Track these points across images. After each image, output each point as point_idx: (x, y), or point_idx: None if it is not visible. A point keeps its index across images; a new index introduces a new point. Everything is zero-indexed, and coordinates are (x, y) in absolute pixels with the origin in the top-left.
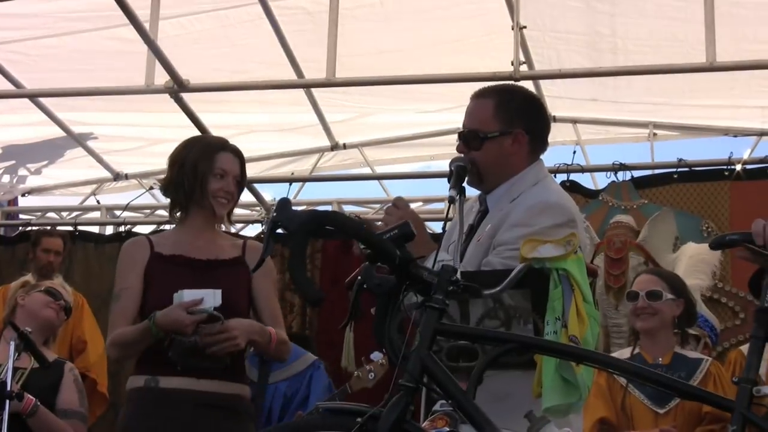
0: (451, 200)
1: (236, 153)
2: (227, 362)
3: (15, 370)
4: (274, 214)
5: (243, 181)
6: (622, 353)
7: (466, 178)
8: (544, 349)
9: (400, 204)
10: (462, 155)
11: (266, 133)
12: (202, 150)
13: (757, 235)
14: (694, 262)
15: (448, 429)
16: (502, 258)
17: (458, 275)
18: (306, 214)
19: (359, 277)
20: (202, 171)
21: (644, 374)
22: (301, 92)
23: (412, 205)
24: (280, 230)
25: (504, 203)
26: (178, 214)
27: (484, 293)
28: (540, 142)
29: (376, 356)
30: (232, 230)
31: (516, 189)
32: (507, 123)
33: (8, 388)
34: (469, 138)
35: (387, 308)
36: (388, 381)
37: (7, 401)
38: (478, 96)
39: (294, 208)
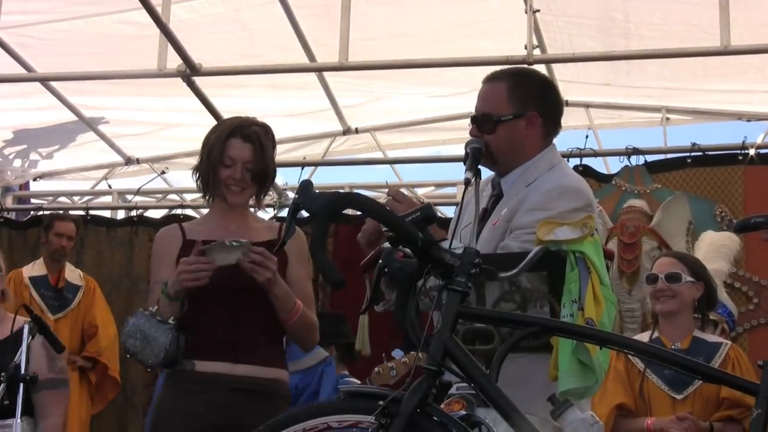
0: (467, 182)
1: (248, 138)
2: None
3: None
4: (296, 196)
5: (259, 165)
6: (641, 337)
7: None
8: (567, 332)
9: (399, 197)
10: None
11: (278, 118)
12: (217, 137)
13: None
14: (714, 248)
15: (464, 412)
16: (520, 242)
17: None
18: (328, 196)
19: (380, 261)
20: (213, 159)
21: (665, 356)
22: (313, 76)
23: (424, 190)
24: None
25: (519, 187)
26: (208, 198)
27: (501, 276)
28: (553, 125)
29: (398, 353)
30: None
31: (531, 173)
32: (521, 106)
33: (22, 372)
34: (482, 121)
35: (408, 292)
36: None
37: (21, 384)
38: (490, 79)
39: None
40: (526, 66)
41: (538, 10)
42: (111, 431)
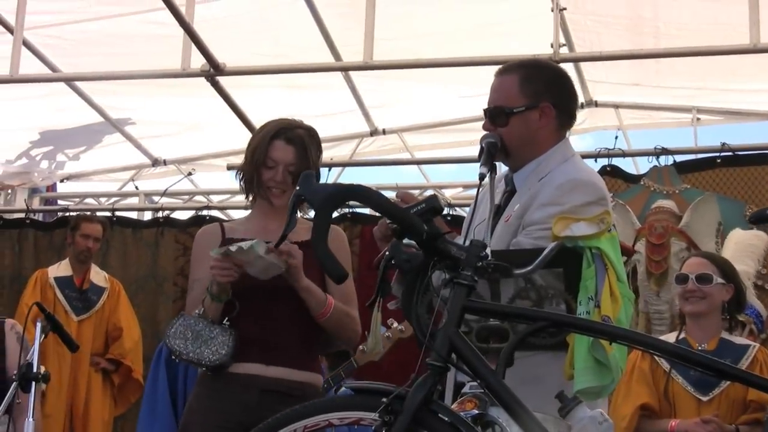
0: (482, 177)
1: (291, 140)
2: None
3: None
4: (298, 187)
5: (302, 168)
6: (667, 338)
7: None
8: (575, 326)
9: (407, 198)
10: (491, 132)
11: (304, 119)
12: (261, 138)
13: None
14: (742, 248)
15: (477, 411)
16: (533, 238)
17: (488, 251)
18: (330, 187)
19: (386, 253)
20: (256, 160)
21: (682, 354)
22: (339, 76)
23: (451, 192)
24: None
25: (532, 182)
26: (250, 198)
27: (515, 273)
28: (567, 117)
29: (382, 329)
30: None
31: (544, 167)
32: (533, 97)
33: (34, 370)
34: (495, 114)
35: (415, 285)
36: (398, 356)
37: (33, 383)
38: (502, 72)
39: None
40: (538, 58)
41: (565, 8)
42: None
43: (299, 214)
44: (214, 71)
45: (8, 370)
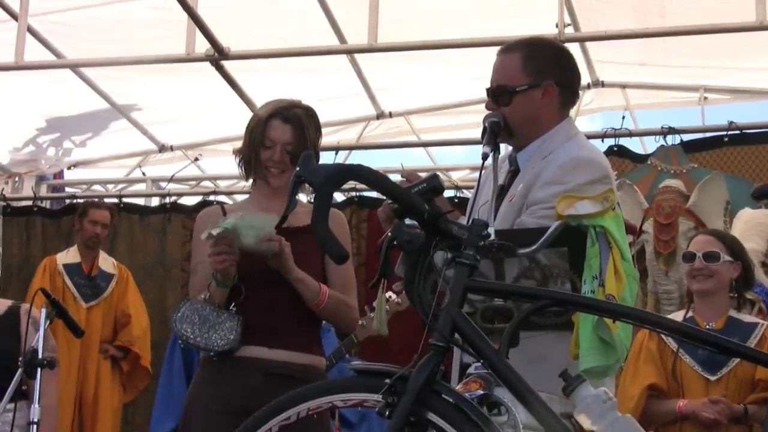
0: (485, 157)
1: (288, 119)
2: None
3: None
4: (298, 168)
5: (300, 147)
6: (675, 317)
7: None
8: (579, 305)
9: (412, 178)
10: (494, 112)
11: (311, 102)
12: (258, 119)
13: None
14: (751, 226)
15: (482, 392)
16: (536, 218)
17: (490, 230)
18: (330, 167)
19: (389, 234)
20: (254, 141)
21: (685, 330)
22: (344, 59)
23: (459, 174)
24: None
25: (536, 161)
26: (250, 181)
27: (519, 252)
28: (570, 95)
29: None
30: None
31: (547, 146)
32: (536, 75)
33: (40, 356)
34: (497, 93)
35: (417, 265)
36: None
37: (39, 369)
38: (504, 51)
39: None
40: (541, 36)
41: None
42: (144, 419)
43: (304, 198)
44: (218, 56)
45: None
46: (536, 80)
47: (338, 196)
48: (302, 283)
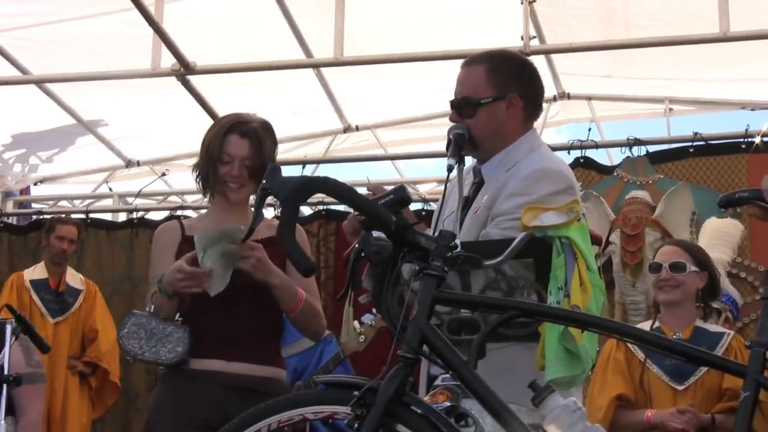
0: (450, 169)
1: (245, 134)
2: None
3: None
4: (264, 181)
5: (257, 161)
6: (642, 327)
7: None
8: (546, 315)
9: (378, 191)
10: (458, 123)
11: (277, 116)
12: (215, 133)
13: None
14: (717, 236)
15: (449, 403)
16: (501, 229)
17: (457, 241)
18: (296, 179)
19: (356, 246)
20: (211, 156)
21: (648, 338)
22: (311, 73)
23: (426, 187)
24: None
25: (500, 173)
26: (208, 197)
27: (485, 264)
28: (534, 107)
29: (368, 318)
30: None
31: (511, 158)
32: (500, 88)
33: (5, 372)
34: (462, 105)
35: (385, 277)
36: (381, 344)
37: (5, 385)
38: (469, 63)
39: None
40: (505, 49)
41: (535, 0)
42: None
43: (270, 213)
44: (184, 70)
45: (9, 369)
46: (501, 92)
47: (306, 210)
48: (282, 286)
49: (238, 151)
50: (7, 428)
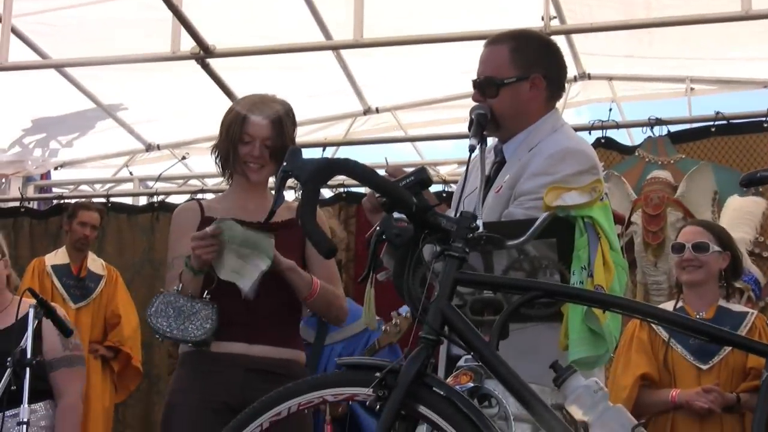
0: (472, 149)
1: (266, 115)
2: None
3: None
4: (285, 163)
5: (278, 142)
6: (665, 307)
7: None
8: (568, 295)
9: (396, 173)
10: (480, 104)
11: (297, 99)
12: (236, 114)
13: None
14: (740, 215)
15: (472, 384)
16: (525, 208)
17: (478, 222)
18: (317, 161)
19: (378, 228)
20: (232, 136)
21: (671, 318)
22: (330, 55)
23: (446, 168)
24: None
25: (522, 153)
26: (227, 179)
27: (508, 244)
28: (557, 88)
29: (404, 310)
30: None
31: (534, 138)
32: (524, 68)
33: (28, 356)
34: (485, 85)
35: (406, 259)
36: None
37: (27, 369)
38: (492, 42)
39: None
40: (528, 29)
41: None
42: (136, 418)
43: (291, 195)
44: (204, 54)
45: (46, 353)
46: (524, 73)
47: (326, 192)
48: (294, 272)
49: (259, 132)
50: (46, 411)
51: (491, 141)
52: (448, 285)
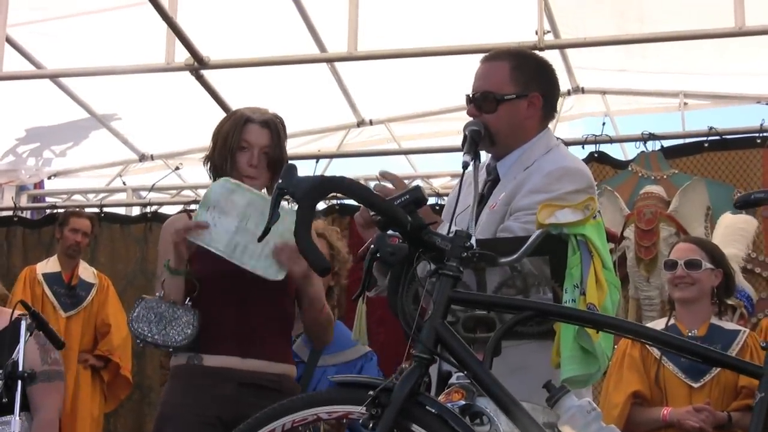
0: (465, 165)
1: (265, 123)
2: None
3: None
4: (280, 180)
5: (276, 151)
6: (657, 324)
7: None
8: (561, 315)
9: (386, 191)
10: (474, 119)
11: (291, 111)
12: (233, 123)
13: None
14: (731, 231)
15: (464, 402)
16: (522, 222)
17: (473, 241)
18: (312, 179)
19: (372, 246)
20: (230, 145)
21: (664, 339)
22: (325, 67)
23: (439, 181)
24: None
25: (517, 171)
26: None
27: (501, 261)
28: (551, 108)
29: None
30: None
31: (528, 156)
32: (523, 86)
33: (20, 368)
34: (482, 100)
35: (400, 277)
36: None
37: (19, 381)
38: (491, 59)
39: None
40: (524, 48)
41: None
42: (128, 429)
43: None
44: (198, 65)
45: (25, 366)
46: (523, 90)
47: (319, 205)
48: (311, 295)
49: (257, 139)
50: (21, 425)
51: (485, 157)
52: (442, 304)
